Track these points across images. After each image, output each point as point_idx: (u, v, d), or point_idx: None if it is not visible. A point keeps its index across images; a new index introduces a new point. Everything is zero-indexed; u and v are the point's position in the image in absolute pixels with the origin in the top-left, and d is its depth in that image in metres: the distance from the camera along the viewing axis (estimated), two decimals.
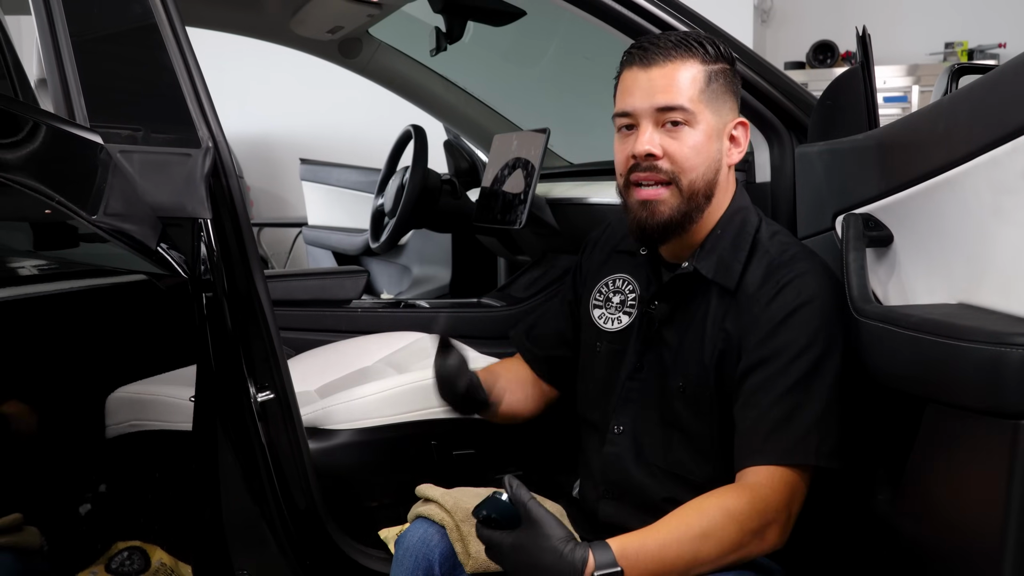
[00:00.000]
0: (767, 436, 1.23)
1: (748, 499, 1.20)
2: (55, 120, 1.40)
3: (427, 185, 2.57)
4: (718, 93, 1.34)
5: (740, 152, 1.38)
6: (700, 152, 1.32)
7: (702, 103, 1.32)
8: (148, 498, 1.74)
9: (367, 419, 1.80)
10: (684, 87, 1.31)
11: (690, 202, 1.33)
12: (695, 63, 1.32)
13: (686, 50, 1.32)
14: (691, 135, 1.31)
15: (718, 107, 1.34)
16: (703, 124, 1.32)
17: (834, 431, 1.23)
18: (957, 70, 1.58)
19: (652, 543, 1.16)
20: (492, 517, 1.18)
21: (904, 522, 1.17)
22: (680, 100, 1.30)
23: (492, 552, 1.20)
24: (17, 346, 1.53)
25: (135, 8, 1.50)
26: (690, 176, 1.32)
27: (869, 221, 1.31)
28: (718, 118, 1.34)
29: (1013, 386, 0.91)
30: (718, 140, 1.35)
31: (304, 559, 1.62)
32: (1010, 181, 0.98)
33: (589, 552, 1.13)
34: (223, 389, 1.52)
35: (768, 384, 1.25)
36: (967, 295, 1.10)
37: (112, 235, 1.38)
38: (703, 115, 1.32)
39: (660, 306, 1.40)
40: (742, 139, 1.38)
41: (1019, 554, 0.94)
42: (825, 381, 1.24)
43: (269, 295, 1.56)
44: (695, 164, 1.32)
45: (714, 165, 1.34)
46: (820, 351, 1.25)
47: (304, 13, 2.53)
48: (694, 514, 1.19)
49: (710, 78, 1.33)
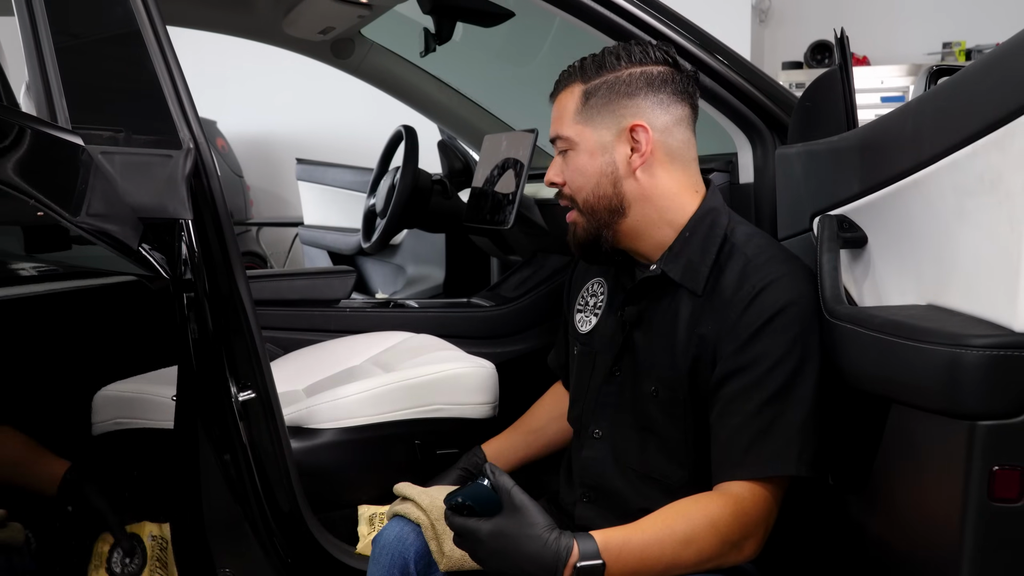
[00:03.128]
0: (748, 448, 1.22)
1: (731, 511, 1.20)
2: (36, 122, 1.41)
3: (418, 185, 2.58)
4: (599, 107, 1.34)
5: (642, 156, 1.33)
6: (584, 172, 1.35)
7: (580, 123, 1.35)
8: (132, 495, 1.75)
9: (351, 418, 1.81)
10: (564, 115, 1.37)
11: (593, 218, 1.36)
12: (576, 85, 1.36)
13: (570, 76, 1.37)
14: (573, 158, 1.36)
15: (600, 121, 1.34)
16: (582, 143, 1.35)
17: (813, 440, 1.22)
18: (935, 71, 1.58)
19: (636, 541, 1.17)
20: (465, 504, 1.17)
21: (870, 522, 1.17)
22: (558, 130, 1.37)
23: (465, 541, 1.18)
24: (5, 346, 1.55)
25: (117, 11, 1.51)
26: (581, 195, 1.36)
27: (844, 222, 1.31)
28: (601, 132, 1.34)
29: (969, 387, 0.92)
30: (604, 153, 1.34)
31: (286, 558, 1.62)
32: (971, 184, 0.98)
33: (574, 542, 1.14)
34: (204, 388, 1.53)
35: (745, 394, 1.24)
36: (935, 296, 1.10)
37: (94, 236, 1.39)
38: (582, 135, 1.35)
39: (629, 309, 1.39)
40: (643, 142, 1.33)
41: (977, 554, 0.95)
42: (804, 390, 1.23)
43: (251, 295, 1.57)
44: (581, 184, 1.36)
45: (607, 179, 1.34)
46: (798, 359, 1.23)
47: (296, 14, 2.53)
48: (679, 519, 1.19)
49: (588, 95, 1.35)
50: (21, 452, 1.66)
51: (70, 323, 1.88)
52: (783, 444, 1.21)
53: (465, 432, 1.91)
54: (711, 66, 1.70)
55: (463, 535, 1.18)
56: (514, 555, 1.14)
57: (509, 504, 1.16)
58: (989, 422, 0.92)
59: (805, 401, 1.22)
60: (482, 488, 1.17)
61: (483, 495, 1.17)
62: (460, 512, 1.18)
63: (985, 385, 0.91)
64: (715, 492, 1.23)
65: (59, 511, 1.65)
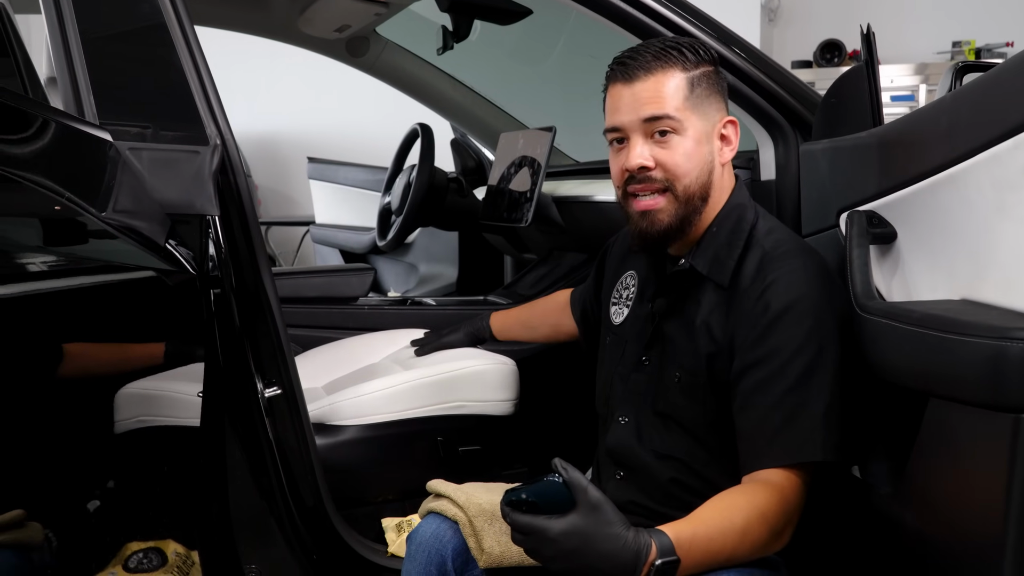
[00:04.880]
0: (773, 438, 1.24)
1: (777, 501, 1.21)
2: (65, 117, 1.41)
3: (434, 183, 2.58)
4: (703, 97, 1.35)
5: (732, 150, 1.40)
6: (691, 158, 1.34)
7: (688, 109, 1.34)
8: (157, 493, 1.75)
9: (373, 415, 1.82)
10: (668, 97, 1.33)
11: (687, 206, 1.36)
12: (676, 71, 1.34)
13: (665, 60, 1.34)
14: (681, 143, 1.34)
15: (704, 110, 1.36)
16: (691, 130, 1.34)
17: (837, 426, 1.24)
18: (961, 68, 1.58)
19: (701, 535, 1.16)
20: (528, 500, 1.13)
21: (906, 517, 1.17)
22: (666, 109, 1.33)
23: (529, 539, 1.13)
24: (26, 342, 1.55)
25: (144, 7, 1.51)
26: (684, 182, 1.35)
27: (873, 218, 1.32)
28: (705, 121, 1.36)
29: (1013, 380, 0.92)
30: (708, 143, 1.36)
31: (311, 554, 1.63)
32: (1012, 177, 0.98)
33: (651, 540, 1.12)
34: (231, 385, 1.53)
35: (765, 386, 1.26)
36: (969, 291, 1.10)
37: (121, 231, 1.39)
38: (690, 121, 1.34)
39: (659, 301, 1.43)
40: (733, 137, 1.40)
41: (1020, 549, 0.95)
42: (824, 376, 1.25)
43: (276, 292, 1.57)
44: (687, 170, 1.34)
45: (707, 168, 1.36)
46: (816, 348, 1.25)
47: (312, 12, 2.53)
48: (735, 511, 1.20)
49: (693, 84, 1.34)
50: (111, 352, 1.64)
51: (89, 319, 1.88)
52: (808, 431, 1.23)
53: (487, 428, 1.92)
54: (733, 62, 1.70)
55: (528, 533, 1.13)
56: (590, 555, 1.11)
57: (585, 502, 1.12)
58: None
59: (825, 389, 1.24)
60: (552, 484, 1.13)
61: (552, 492, 1.12)
62: (519, 509, 1.14)
63: None
64: (757, 483, 1.24)
65: (80, 511, 1.65)
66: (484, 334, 2.03)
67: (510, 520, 1.15)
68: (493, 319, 2.03)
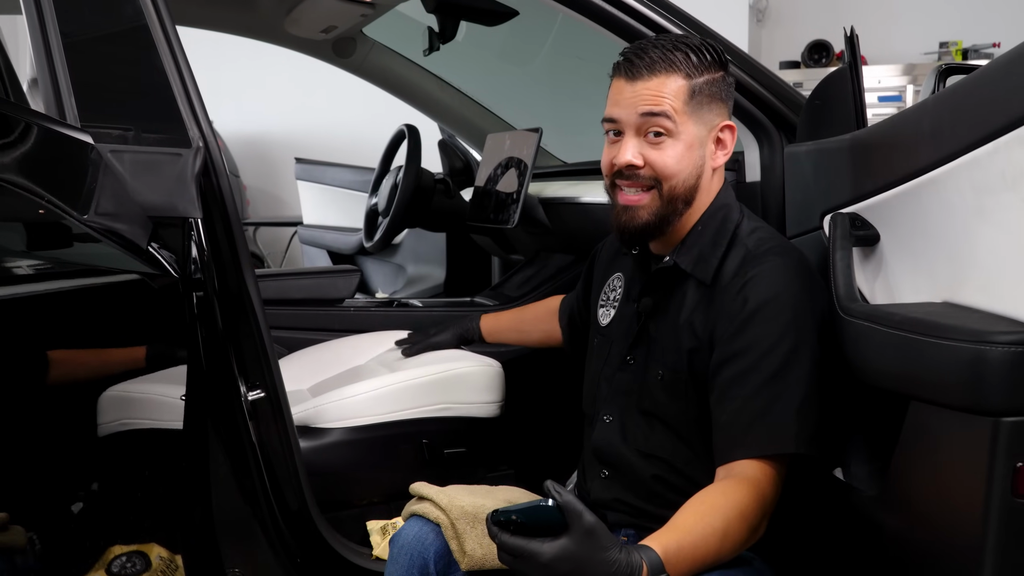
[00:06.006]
0: (747, 429, 1.25)
1: (754, 496, 1.22)
2: (46, 120, 1.40)
3: (420, 184, 2.58)
4: (703, 103, 1.36)
5: (726, 155, 1.40)
6: (680, 162, 1.35)
7: (685, 115, 1.34)
8: (140, 497, 1.74)
9: (358, 417, 1.81)
10: (667, 100, 1.33)
11: (669, 206, 1.37)
12: (679, 78, 1.34)
13: (670, 64, 1.34)
14: (672, 146, 1.34)
15: (702, 116, 1.36)
16: (685, 135, 1.34)
17: (813, 419, 1.26)
18: (945, 70, 1.58)
19: (688, 544, 1.16)
20: (520, 523, 1.10)
21: (888, 519, 1.17)
22: (663, 108, 1.33)
23: (520, 562, 1.11)
24: (8, 346, 1.54)
25: (126, 8, 1.50)
26: (671, 183, 1.35)
27: (856, 220, 1.32)
28: (702, 127, 1.36)
29: (993, 384, 0.92)
30: (700, 148, 1.37)
31: (295, 557, 1.62)
32: (991, 181, 0.98)
33: (642, 560, 1.11)
34: (214, 388, 1.52)
35: (742, 378, 1.28)
36: (951, 294, 1.10)
37: (103, 235, 1.38)
38: (686, 126, 1.34)
39: (645, 300, 1.44)
40: (728, 142, 1.40)
41: (999, 550, 0.95)
42: (800, 371, 1.26)
43: (260, 294, 1.57)
44: (675, 172, 1.35)
45: (695, 171, 1.37)
46: (792, 343, 1.27)
47: (298, 12, 2.53)
48: (715, 514, 1.19)
49: (694, 91, 1.34)
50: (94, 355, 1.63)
51: (71, 322, 1.87)
52: (782, 424, 1.24)
53: (472, 431, 1.91)
54: None
55: (519, 556, 1.10)
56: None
57: (579, 526, 1.09)
58: (1013, 418, 0.92)
59: (802, 382, 1.26)
60: (544, 508, 1.09)
61: (544, 515, 1.09)
62: (507, 529, 1.11)
63: (1009, 381, 0.91)
64: (732, 479, 1.24)
65: (63, 514, 1.64)
66: (473, 335, 2.02)
67: (499, 541, 1.12)
68: (484, 321, 2.03)
